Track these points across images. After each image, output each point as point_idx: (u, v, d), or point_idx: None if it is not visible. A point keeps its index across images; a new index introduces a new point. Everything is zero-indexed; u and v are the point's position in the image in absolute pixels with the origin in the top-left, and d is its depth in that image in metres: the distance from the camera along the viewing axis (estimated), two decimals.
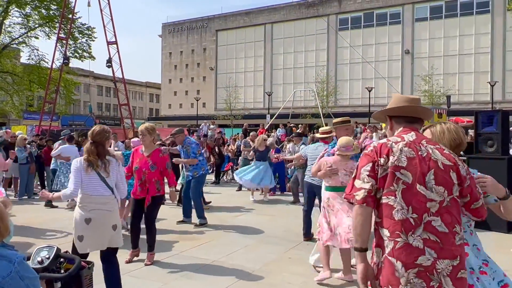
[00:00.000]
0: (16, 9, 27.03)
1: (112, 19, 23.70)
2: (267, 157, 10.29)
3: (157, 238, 5.30)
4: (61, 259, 2.56)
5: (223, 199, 10.10)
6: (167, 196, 6.09)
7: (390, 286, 1.94)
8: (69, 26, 25.02)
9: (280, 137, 17.25)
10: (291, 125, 21.15)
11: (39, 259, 2.45)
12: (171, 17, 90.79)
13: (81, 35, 28.52)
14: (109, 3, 23.54)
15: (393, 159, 2.02)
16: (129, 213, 5.65)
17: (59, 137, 11.28)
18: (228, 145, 15.26)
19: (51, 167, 9.96)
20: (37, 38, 28.64)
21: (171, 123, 43.78)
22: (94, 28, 28.90)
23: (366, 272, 2.02)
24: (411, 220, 1.94)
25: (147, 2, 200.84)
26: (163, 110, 56.55)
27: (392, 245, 1.95)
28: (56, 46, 23.56)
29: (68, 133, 10.14)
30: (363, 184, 2.04)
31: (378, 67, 40.02)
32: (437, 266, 1.89)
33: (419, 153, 2.04)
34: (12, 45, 28.84)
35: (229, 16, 50.15)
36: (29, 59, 28.71)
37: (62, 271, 2.52)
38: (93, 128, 3.93)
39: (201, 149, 7.89)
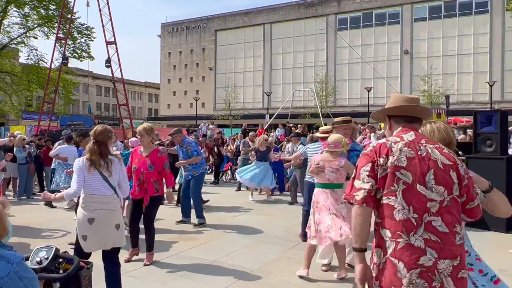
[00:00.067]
0: (15, 9, 26.95)
1: (111, 19, 23.66)
2: (267, 157, 10.30)
3: (156, 238, 5.29)
4: (60, 260, 2.56)
5: (222, 199, 10.09)
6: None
7: (392, 287, 1.93)
8: (68, 26, 24.99)
9: (279, 137, 17.24)
10: (290, 125, 21.11)
11: (38, 260, 2.45)
12: (170, 17, 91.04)
13: (80, 35, 28.45)
14: (108, 3, 23.50)
15: (392, 159, 2.02)
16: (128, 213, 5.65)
17: (59, 137, 11.25)
18: (227, 145, 15.26)
19: (52, 166, 9.91)
20: (36, 38, 28.58)
21: (170, 123, 43.70)
22: (93, 28, 28.88)
23: (364, 272, 2.01)
24: (413, 220, 1.93)
25: (146, 2, 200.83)
26: (162, 110, 56.53)
27: (393, 246, 1.94)
28: (55, 46, 23.49)
29: (68, 133, 10.13)
30: (363, 184, 2.04)
31: (377, 67, 40.06)
32: (439, 266, 1.89)
33: (419, 153, 2.03)
34: (11, 45, 28.79)
35: (228, 16, 50.14)
36: (28, 59, 28.65)
37: (61, 272, 2.52)
38: (96, 127, 3.91)
39: (199, 149, 7.89)
